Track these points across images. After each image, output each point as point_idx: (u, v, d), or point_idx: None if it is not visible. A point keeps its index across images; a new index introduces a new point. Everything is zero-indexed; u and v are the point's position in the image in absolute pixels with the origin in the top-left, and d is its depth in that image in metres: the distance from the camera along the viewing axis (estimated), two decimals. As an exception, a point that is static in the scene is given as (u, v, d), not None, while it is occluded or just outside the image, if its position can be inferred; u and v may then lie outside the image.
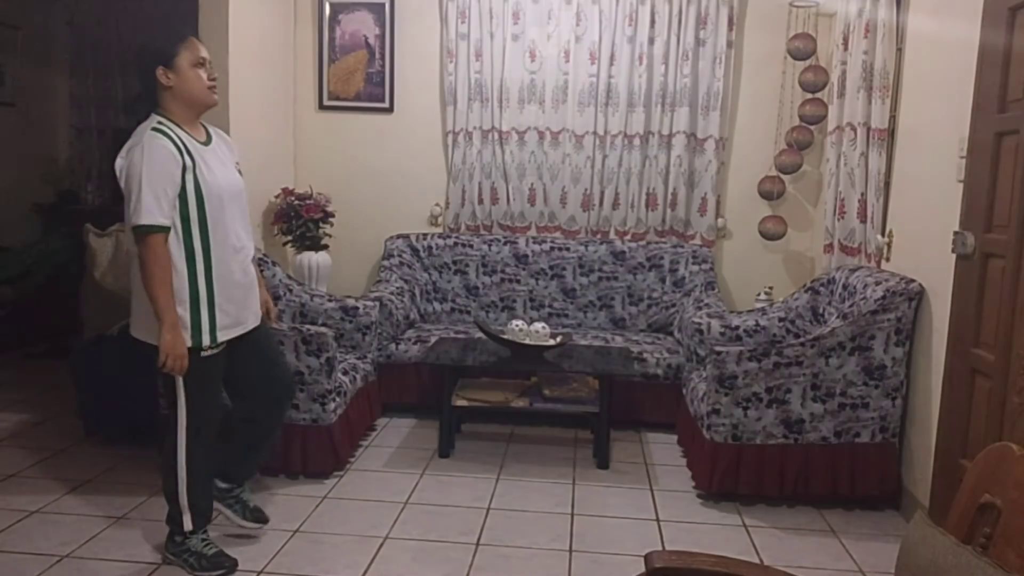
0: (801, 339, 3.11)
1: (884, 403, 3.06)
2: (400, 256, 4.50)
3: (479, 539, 2.78)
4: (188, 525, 2.47)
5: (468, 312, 4.51)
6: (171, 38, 2.36)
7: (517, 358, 3.58)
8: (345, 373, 3.39)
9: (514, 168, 4.61)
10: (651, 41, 4.43)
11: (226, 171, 2.43)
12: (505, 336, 3.62)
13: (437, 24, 4.60)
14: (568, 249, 4.50)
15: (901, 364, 3.05)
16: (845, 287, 3.34)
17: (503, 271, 4.51)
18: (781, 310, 3.70)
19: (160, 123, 2.30)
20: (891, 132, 3.43)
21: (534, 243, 4.53)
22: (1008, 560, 1.17)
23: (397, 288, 4.25)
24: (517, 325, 3.64)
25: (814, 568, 2.65)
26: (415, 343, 4.00)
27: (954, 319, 2.77)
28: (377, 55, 4.66)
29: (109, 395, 3.45)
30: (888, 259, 3.38)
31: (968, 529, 1.28)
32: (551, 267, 4.49)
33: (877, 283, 3.08)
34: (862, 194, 3.59)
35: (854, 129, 3.61)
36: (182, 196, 2.27)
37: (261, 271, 3.65)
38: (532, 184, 4.62)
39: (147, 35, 2.39)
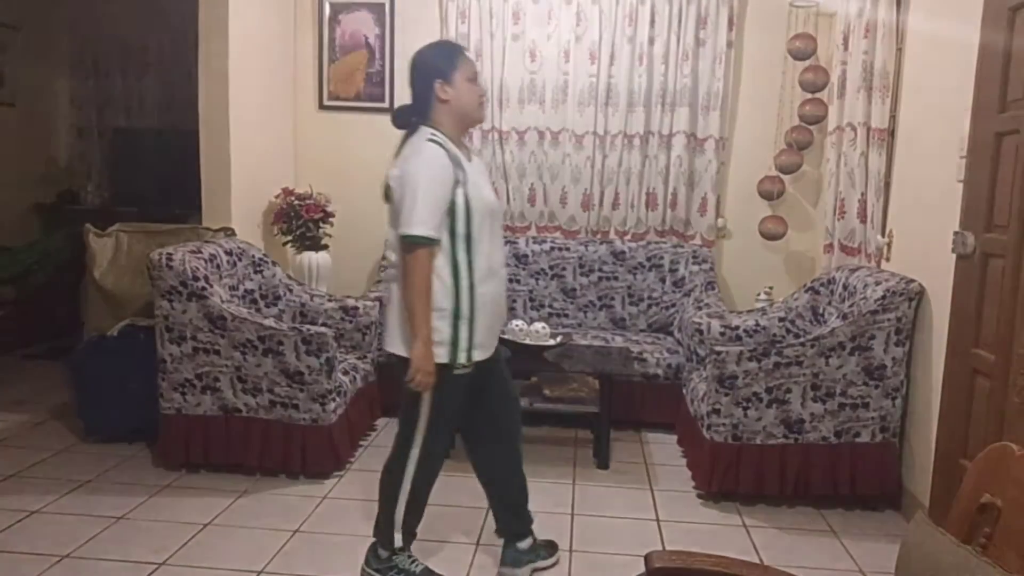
0: (801, 339, 3.11)
1: (884, 403, 3.06)
2: (400, 256, 4.49)
3: (479, 539, 2.78)
4: (398, 542, 2.42)
5: (468, 312, 4.50)
6: (449, 52, 2.34)
7: (517, 358, 3.57)
8: (345, 373, 3.39)
9: (514, 168, 4.61)
10: (651, 41, 4.42)
11: (489, 189, 2.38)
12: (505, 336, 3.61)
13: (437, 24, 4.60)
14: (568, 249, 4.50)
15: (901, 364, 3.05)
16: (845, 287, 3.34)
17: (503, 271, 4.50)
18: (781, 310, 3.70)
19: (434, 135, 2.26)
20: (891, 132, 3.43)
21: (534, 243, 4.53)
22: (1008, 560, 1.17)
23: (397, 288, 4.24)
24: (517, 325, 3.63)
25: (814, 568, 2.65)
26: (415, 343, 3.99)
27: (954, 319, 2.77)
28: (377, 55, 4.66)
29: (109, 395, 3.45)
30: (888, 259, 3.38)
31: (968, 529, 1.28)
32: (551, 267, 4.49)
33: (877, 283, 3.08)
34: (862, 194, 3.59)
35: (854, 129, 3.61)
36: (451, 210, 2.20)
37: (261, 272, 3.67)
38: (532, 184, 4.62)
39: (423, 48, 2.42)
